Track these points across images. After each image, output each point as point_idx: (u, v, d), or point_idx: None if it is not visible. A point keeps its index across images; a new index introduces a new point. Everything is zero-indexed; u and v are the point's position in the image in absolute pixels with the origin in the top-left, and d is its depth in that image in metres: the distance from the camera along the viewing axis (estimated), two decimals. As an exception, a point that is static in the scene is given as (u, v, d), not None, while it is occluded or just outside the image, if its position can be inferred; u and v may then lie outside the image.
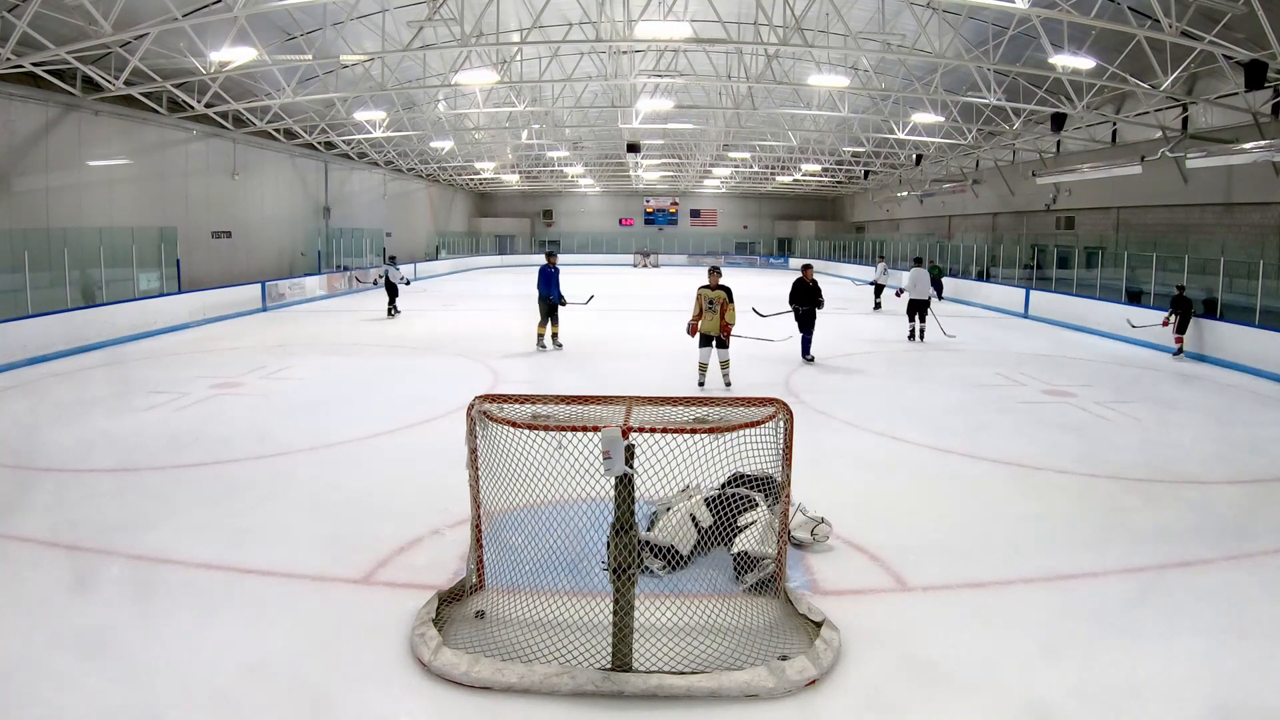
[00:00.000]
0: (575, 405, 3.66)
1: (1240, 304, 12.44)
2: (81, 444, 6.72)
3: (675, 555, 4.22)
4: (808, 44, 13.54)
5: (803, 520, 4.61)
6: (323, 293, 21.78)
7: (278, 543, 4.63)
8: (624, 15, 14.18)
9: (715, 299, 8.84)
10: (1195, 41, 11.62)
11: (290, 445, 6.80)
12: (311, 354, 11.89)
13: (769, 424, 3.60)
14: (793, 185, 39.57)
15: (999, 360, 11.86)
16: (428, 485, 5.12)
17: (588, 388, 7.65)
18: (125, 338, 12.88)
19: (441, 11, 12.74)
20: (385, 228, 30.17)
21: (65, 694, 3.10)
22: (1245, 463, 6.70)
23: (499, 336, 13.89)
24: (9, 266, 11.52)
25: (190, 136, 18.28)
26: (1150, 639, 3.63)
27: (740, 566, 4.06)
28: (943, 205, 30.46)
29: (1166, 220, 18.41)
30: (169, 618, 3.71)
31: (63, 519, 4.96)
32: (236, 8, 11.01)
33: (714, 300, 8.84)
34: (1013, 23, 13.89)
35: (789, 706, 3.10)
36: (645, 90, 21.32)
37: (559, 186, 43.72)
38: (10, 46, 11.32)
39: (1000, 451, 6.72)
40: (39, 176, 13.86)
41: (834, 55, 16.98)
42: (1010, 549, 4.66)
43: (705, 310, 8.89)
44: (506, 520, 3.87)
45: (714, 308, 8.84)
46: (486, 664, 3.25)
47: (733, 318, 8.91)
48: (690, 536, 4.32)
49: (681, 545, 4.26)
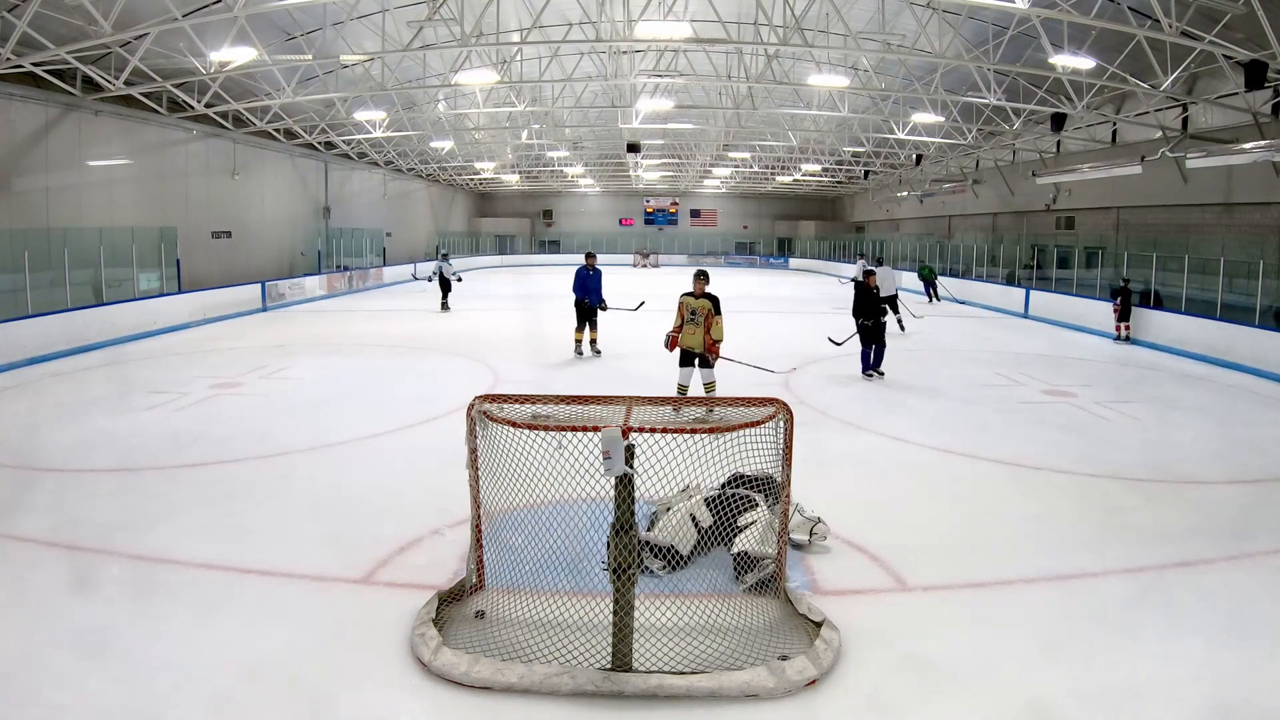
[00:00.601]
0: (575, 405, 3.66)
1: (1241, 304, 12.51)
2: (81, 444, 6.73)
3: (675, 555, 4.22)
4: (808, 44, 13.54)
5: (800, 521, 4.61)
6: (323, 293, 21.78)
7: (278, 543, 4.63)
8: (624, 15, 14.17)
9: (699, 309, 7.61)
10: (1195, 41, 11.61)
11: (290, 445, 6.80)
12: (311, 354, 11.89)
13: (769, 424, 3.60)
14: (793, 185, 39.56)
15: (999, 360, 11.87)
16: (428, 485, 5.12)
17: (588, 388, 7.65)
18: (125, 338, 12.88)
19: (441, 11, 12.73)
20: (385, 228, 30.16)
21: (65, 694, 3.10)
22: (1245, 463, 6.70)
23: (500, 337, 13.91)
24: (9, 266, 11.52)
25: (190, 136, 18.28)
26: (1150, 639, 3.63)
27: (740, 567, 4.06)
28: (943, 205, 30.45)
29: (1166, 220, 18.40)
30: (169, 618, 3.71)
31: (63, 519, 4.96)
32: (236, 8, 11.01)
33: (697, 311, 7.62)
34: (1013, 23, 13.89)
35: (789, 706, 3.10)
36: (645, 90, 21.32)
37: (559, 186, 43.70)
38: (10, 46, 11.32)
39: (1000, 451, 6.72)
40: (39, 176, 13.86)
41: (834, 55, 16.98)
42: (1010, 549, 4.67)
43: (687, 322, 7.66)
44: (506, 520, 3.87)
45: (697, 319, 7.62)
46: (486, 664, 3.25)
47: (720, 334, 7.68)
48: (690, 536, 4.32)
49: (682, 545, 4.27)
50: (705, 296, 7.68)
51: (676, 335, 7.72)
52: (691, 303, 7.67)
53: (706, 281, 7.90)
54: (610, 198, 46.28)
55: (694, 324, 7.60)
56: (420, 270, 16.82)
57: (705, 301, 7.63)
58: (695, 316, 7.61)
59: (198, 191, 18.78)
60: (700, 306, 7.63)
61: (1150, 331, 13.67)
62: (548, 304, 21.20)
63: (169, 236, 15.56)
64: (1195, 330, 12.52)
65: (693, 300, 7.67)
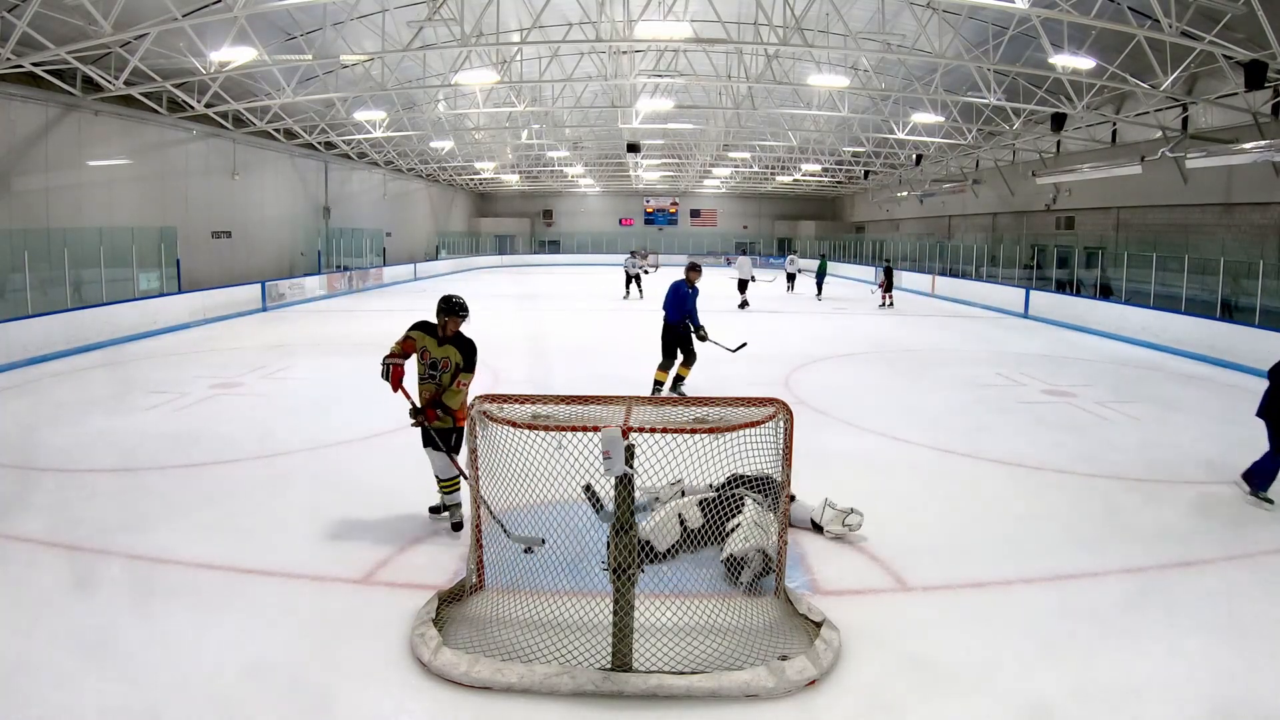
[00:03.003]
0: (575, 405, 3.66)
1: (1241, 304, 12.53)
2: (81, 444, 6.72)
3: (651, 551, 4.19)
4: (808, 44, 13.54)
5: (833, 514, 4.62)
6: (323, 293, 21.77)
7: (278, 543, 4.63)
8: (624, 15, 14.17)
9: (442, 360, 4.69)
10: (1195, 41, 11.61)
11: (290, 445, 6.80)
12: (311, 354, 11.88)
13: (769, 424, 3.60)
14: (793, 185, 39.56)
15: (999, 360, 11.86)
16: (428, 485, 5.11)
17: (588, 388, 7.64)
18: (125, 338, 12.88)
19: (441, 11, 12.75)
20: (385, 228, 30.18)
21: (65, 694, 3.10)
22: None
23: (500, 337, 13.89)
24: (9, 266, 11.52)
25: (190, 136, 18.28)
26: (1150, 639, 3.63)
27: (731, 570, 4.07)
28: (943, 205, 30.46)
29: (1166, 220, 18.41)
30: (169, 618, 3.71)
31: (63, 519, 4.96)
32: (236, 8, 11.01)
33: (438, 363, 4.71)
34: (1013, 23, 13.89)
35: (789, 706, 3.10)
36: (645, 90, 21.32)
37: (559, 186, 43.71)
38: (10, 46, 11.33)
39: (1000, 451, 6.72)
40: (39, 176, 13.86)
41: (834, 55, 16.98)
42: (1010, 549, 4.66)
43: (424, 379, 4.75)
44: (506, 520, 3.87)
45: (437, 376, 4.70)
46: (486, 664, 3.25)
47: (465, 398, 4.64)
48: (672, 535, 4.31)
49: (660, 543, 4.25)
50: (453, 342, 4.72)
51: (400, 369, 4.68)
52: (433, 349, 4.70)
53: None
54: (610, 198, 46.28)
55: (431, 382, 4.69)
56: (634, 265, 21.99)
57: (452, 349, 4.69)
58: (435, 372, 4.69)
59: (197, 191, 18.78)
60: (444, 357, 4.69)
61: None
62: (548, 304, 21.23)
63: (169, 236, 15.56)
64: (1195, 330, 12.50)
65: (434, 345, 4.71)
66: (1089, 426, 7.78)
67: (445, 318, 4.75)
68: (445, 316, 4.75)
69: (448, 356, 4.69)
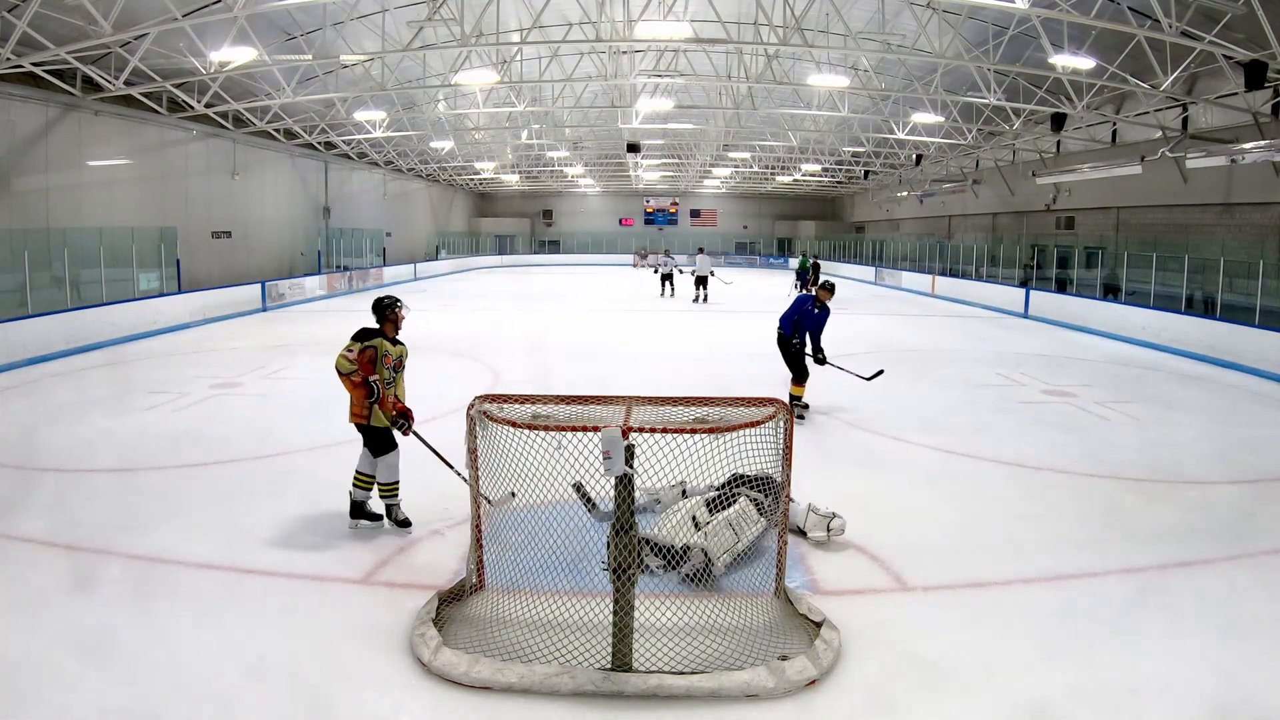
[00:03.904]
0: (575, 405, 3.66)
1: (1240, 304, 12.53)
2: (81, 444, 6.72)
3: (674, 554, 4.21)
4: (808, 44, 13.54)
5: (816, 519, 4.62)
6: (323, 293, 21.77)
7: (278, 543, 4.63)
8: (624, 15, 14.17)
9: (398, 358, 4.84)
10: (1195, 41, 11.61)
11: (290, 445, 6.80)
12: (311, 354, 11.86)
13: (769, 424, 3.60)
14: (793, 185, 39.54)
15: (999, 360, 11.86)
16: (428, 485, 5.11)
17: (587, 388, 7.64)
18: (125, 338, 12.88)
19: (441, 11, 12.74)
20: (385, 228, 30.16)
21: (65, 694, 3.10)
22: (1245, 463, 6.69)
23: (500, 337, 13.90)
24: (9, 266, 11.52)
25: (190, 136, 18.27)
26: (1150, 639, 3.63)
27: (671, 554, 4.10)
28: (943, 205, 30.44)
29: (1166, 220, 18.41)
30: (169, 618, 3.71)
31: (63, 519, 4.96)
32: (236, 8, 11.00)
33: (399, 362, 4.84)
34: (1013, 23, 13.89)
35: (789, 706, 3.10)
36: (645, 90, 21.31)
37: (559, 186, 43.69)
38: (10, 46, 11.32)
39: (1000, 451, 6.72)
40: (39, 176, 13.86)
41: (834, 55, 16.97)
42: (1010, 549, 4.66)
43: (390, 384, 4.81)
44: (506, 520, 3.87)
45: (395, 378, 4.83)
46: (486, 664, 3.25)
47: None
48: (687, 539, 4.32)
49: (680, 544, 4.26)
50: (400, 340, 4.89)
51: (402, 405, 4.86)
52: (393, 352, 4.78)
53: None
54: (610, 198, 46.26)
55: (394, 385, 4.83)
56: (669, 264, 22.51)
57: (403, 346, 4.88)
58: (396, 373, 4.83)
59: (198, 191, 18.77)
60: (400, 356, 4.83)
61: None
62: (548, 304, 21.23)
63: (169, 236, 15.56)
64: (1196, 330, 12.49)
65: (392, 347, 4.80)
66: (1089, 426, 7.78)
67: (391, 314, 4.84)
68: (391, 313, 4.84)
69: (402, 355, 4.90)
